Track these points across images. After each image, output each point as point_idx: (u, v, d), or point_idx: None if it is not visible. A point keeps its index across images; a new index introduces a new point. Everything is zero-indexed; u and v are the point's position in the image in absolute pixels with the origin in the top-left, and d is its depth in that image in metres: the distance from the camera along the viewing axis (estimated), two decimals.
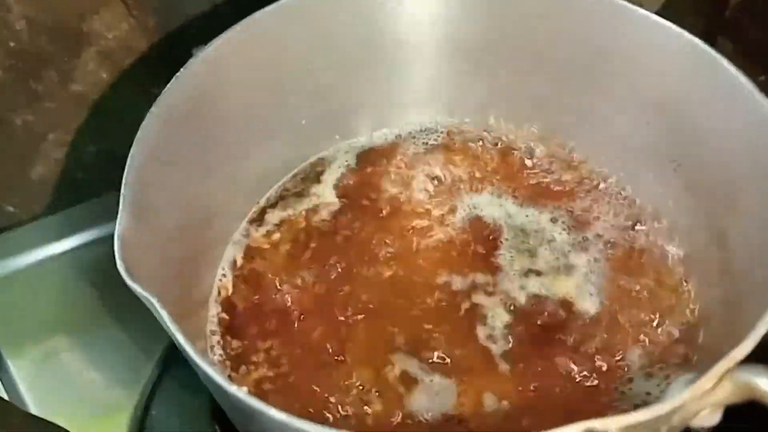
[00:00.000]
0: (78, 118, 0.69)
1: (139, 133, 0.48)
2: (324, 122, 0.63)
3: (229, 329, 0.55)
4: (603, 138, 0.61)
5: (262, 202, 0.62)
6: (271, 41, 0.56)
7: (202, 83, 0.53)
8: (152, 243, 0.47)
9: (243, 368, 0.53)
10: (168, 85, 0.50)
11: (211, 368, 0.38)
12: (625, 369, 0.51)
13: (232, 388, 0.37)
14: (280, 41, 0.57)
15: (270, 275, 0.57)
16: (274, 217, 0.61)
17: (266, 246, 0.59)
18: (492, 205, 0.61)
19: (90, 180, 0.70)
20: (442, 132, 0.66)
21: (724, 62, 0.50)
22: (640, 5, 0.93)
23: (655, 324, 0.53)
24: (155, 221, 0.48)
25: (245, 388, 0.38)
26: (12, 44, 0.61)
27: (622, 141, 0.60)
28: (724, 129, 0.51)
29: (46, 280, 0.64)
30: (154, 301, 0.40)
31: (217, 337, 0.54)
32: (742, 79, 0.49)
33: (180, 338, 0.39)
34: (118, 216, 0.44)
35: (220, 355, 0.54)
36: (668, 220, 0.58)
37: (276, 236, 0.60)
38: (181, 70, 0.51)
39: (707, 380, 0.35)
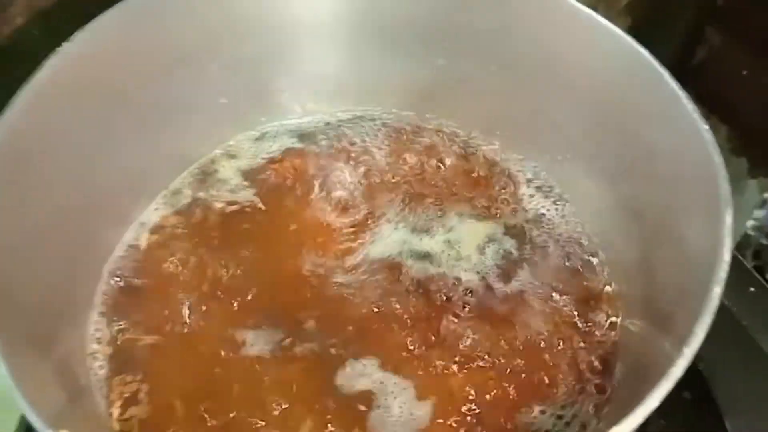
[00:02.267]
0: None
1: (4, 116, 0.43)
2: (246, 102, 0.58)
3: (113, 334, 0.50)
4: (547, 143, 0.56)
5: (175, 183, 0.58)
6: (180, 12, 0.51)
7: (94, 55, 0.48)
8: (15, 239, 0.42)
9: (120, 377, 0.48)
10: (48, 60, 0.45)
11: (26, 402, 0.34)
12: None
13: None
14: (190, 11, 0.52)
15: (168, 264, 0.53)
16: (183, 199, 0.57)
17: (167, 230, 0.55)
18: (406, 209, 0.56)
19: None
20: (376, 122, 0.61)
21: (669, 78, 0.45)
22: None
23: (569, 353, 0.49)
24: (23, 216, 0.43)
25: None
26: None
27: (565, 149, 0.55)
28: (664, 150, 0.47)
29: None
30: None
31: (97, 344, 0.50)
32: (684, 99, 0.44)
33: None
34: None
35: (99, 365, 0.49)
36: (601, 242, 0.54)
37: (179, 220, 0.56)
38: (65, 43, 0.46)
39: None
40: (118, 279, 0.52)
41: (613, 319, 0.50)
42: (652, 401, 0.33)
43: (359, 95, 0.60)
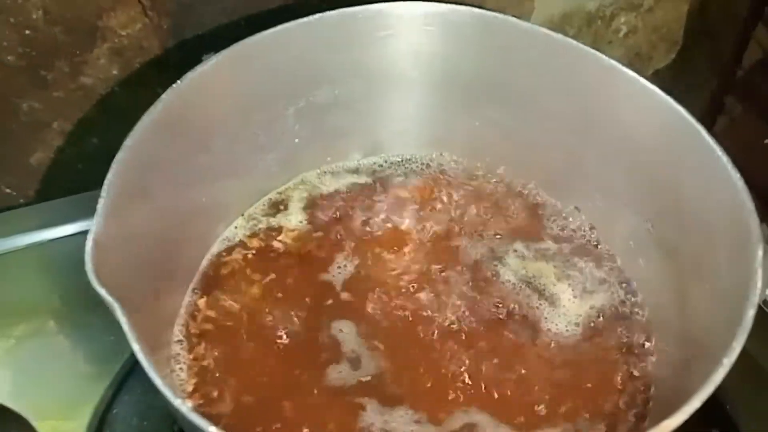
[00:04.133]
0: (84, 110, 0.70)
1: (127, 140, 0.49)
2: (316, 143, 0.65)
3: (194, 340, 0.56)
4: (586, 189, 0.62)
5: (250, 210, 0.64)
6: (267, 63, 0.58)
7: (197, 95, 0.54)
8: (127, 249, 0.48)
9: (204, 379, 0.53)
10: (163, 95, 0.51)
11: (162, 382, 0.39)
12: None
13: (177, 401, 0.38)
14: (275, 63, 0.58)
15: (242, 292, 0.59)
16: (258, 224, 0.63)
17: (245, 250, 0.61)
18: (460, 246, 0.62)
19: (90, 172, 0.71)
20: (428, 166, 0.67)
21: (705, 134, 0.51)
22: (650, 58, 0.95)
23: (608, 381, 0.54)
24: (133, 227, 0.49)
25: (190, 403, 0.39)
26: (27, 32, 0.63)
27: (603, 194, 0.61)
28: (699, 197, 0.52)
29: (27, 267, 0.65)
30: (116, 307, 0.41)
31: (180, 347, 0.55)
32: (719, 152, 0.50)
33: (137, 348, 0.40)
34: (95, 219, 0.45)
35: (180, 368, 0.54)
36: (636, 278, 0.59)
37: (255, 243, 0.62)
38: (178, 82, 0.52)
39: None
40: (199, 290, 0.58)
41: (648, 346, 0.56)
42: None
43: (418, 142, 0.67)
